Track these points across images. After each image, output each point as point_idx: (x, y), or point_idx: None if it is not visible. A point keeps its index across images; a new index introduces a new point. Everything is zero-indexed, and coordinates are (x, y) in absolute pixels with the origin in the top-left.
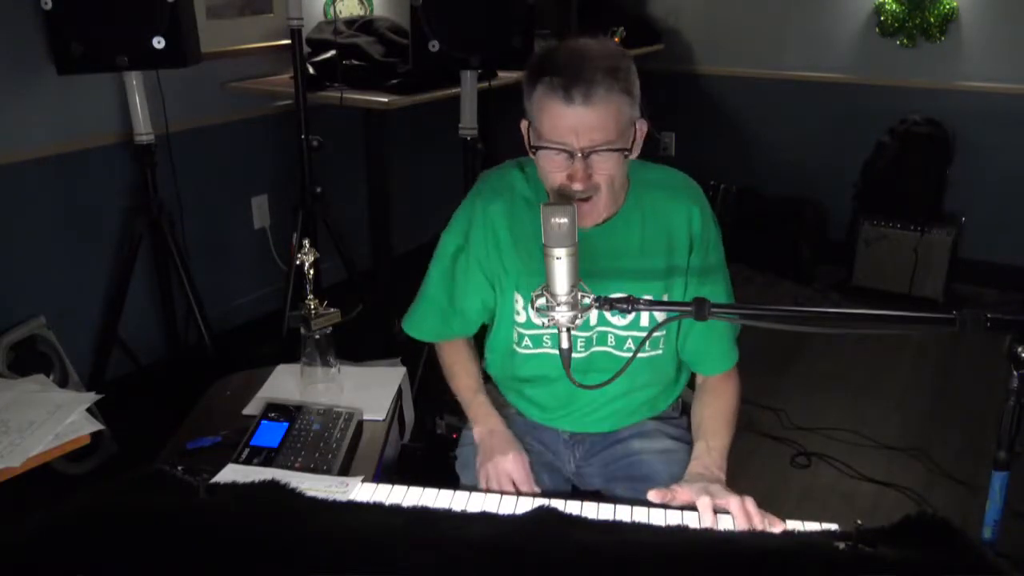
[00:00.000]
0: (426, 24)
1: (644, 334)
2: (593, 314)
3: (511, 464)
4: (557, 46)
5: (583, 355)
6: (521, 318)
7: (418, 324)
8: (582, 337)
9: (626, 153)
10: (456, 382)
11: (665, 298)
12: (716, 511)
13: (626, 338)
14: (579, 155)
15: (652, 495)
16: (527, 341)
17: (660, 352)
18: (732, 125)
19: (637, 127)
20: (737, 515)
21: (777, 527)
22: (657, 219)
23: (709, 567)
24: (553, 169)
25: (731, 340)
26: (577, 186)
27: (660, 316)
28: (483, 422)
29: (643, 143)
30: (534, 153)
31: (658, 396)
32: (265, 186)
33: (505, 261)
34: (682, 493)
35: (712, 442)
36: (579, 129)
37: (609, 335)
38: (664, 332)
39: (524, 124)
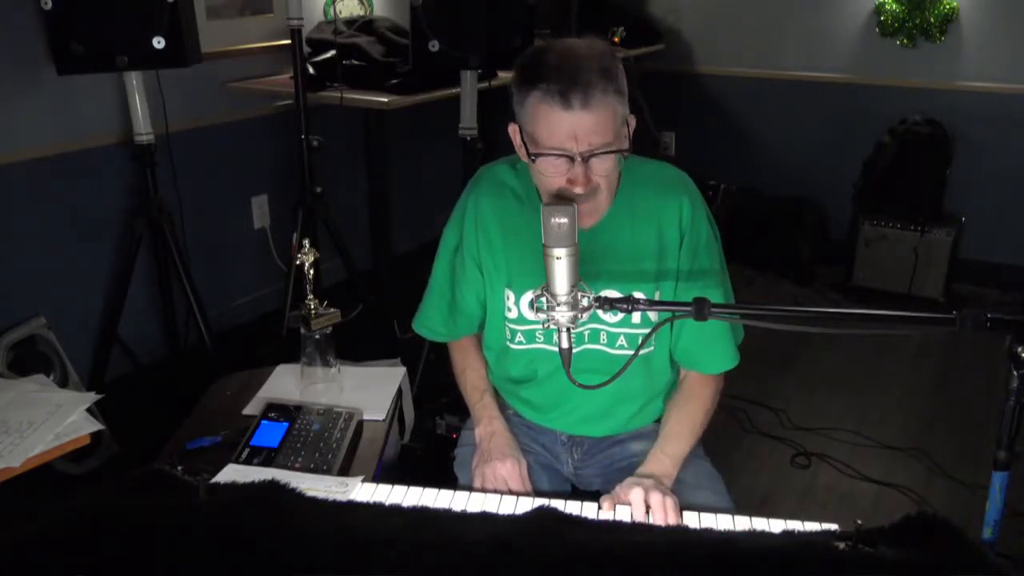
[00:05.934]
0: (426, 24)
1: (636, 331)
2: None
3: (507, 469)
4: (546, 49)
5: (575, 351)
6: (513, 314)
7: (426, 322)
8: (573, 333)
9: (624, 154)
10: (464, 382)
11: (657, 296)
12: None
13: (618, 335)
14: (579, 159)
15: (606, 506)
16: (520, 337)
17: (652, 348)
18: (732, 125)
19: (628, 123)
20: (655, 510)
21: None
22: (648, 217)
23: (709, 567)
24: (553, 174)
25: (727, 342)
26: (578, 190)
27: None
28: (486, 424)
29: (643, 144)
30: (532, 161)
31: (651, 403)
32: (265, 186)
33: (496, 257)
34: (623, 494)
35: (668, 448)
36: (578, 133)
37: (601, 332)
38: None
39: (513, 129)
